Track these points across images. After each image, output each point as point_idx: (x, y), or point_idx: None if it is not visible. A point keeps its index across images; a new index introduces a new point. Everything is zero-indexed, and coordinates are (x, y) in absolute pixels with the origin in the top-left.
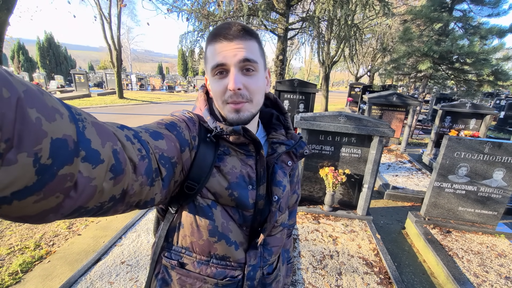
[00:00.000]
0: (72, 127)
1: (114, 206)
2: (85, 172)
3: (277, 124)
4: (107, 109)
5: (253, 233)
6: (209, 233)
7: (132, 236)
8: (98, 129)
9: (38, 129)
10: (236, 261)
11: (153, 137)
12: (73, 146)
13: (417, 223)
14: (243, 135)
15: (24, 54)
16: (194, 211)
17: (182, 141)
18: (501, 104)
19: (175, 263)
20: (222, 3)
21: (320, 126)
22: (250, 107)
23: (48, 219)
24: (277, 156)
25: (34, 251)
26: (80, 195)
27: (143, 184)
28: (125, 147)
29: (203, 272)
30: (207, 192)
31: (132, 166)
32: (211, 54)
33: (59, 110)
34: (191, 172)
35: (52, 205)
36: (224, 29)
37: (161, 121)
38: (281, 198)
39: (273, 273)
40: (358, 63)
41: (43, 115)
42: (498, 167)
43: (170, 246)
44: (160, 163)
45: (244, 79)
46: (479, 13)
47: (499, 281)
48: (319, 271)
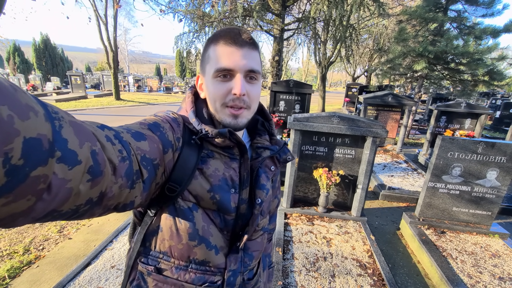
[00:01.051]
0: (47, 126)
1: (91, 209)
2: (60, 174)
3: (262, 130)
4: (103, 110)
5: (234, 238)
6: (189, 237)
7: (124, 240)
8: (76, 128)
9: (10, 127)
10: (216, 266)
11: (135, 138)
12: (48, 146)
13: (412, 223)
14: (228, 138)
15: (20, 56)
16: (174, 213)
17: (165, 142)
18: (497, 104)
19: (152, 268)
20: (217, 4)
21: (313, 127)
22: (247, 113)
23: (18, 223)
24: (261, 160)
25: (23, 255)
26: (54, 198)
27: (123, 186)
28: (104, 148)
29: (181, 278)
30: (189, 194)
31: (111, 168)
32: (216, 55)
33: (34, 108)
34: (173, 174)
35: (22, 208)
36: (234, 34)
37: (143, 121)
38: (264, 201)
39: (254, 278)
40: (355, 64)
41: (15, 113)
42: (491, 167)
43: (147, 251)
44: (142, 165)
45: (247, 86)
46: (473, 13)
47: (492, 281)
48: (312, 274)
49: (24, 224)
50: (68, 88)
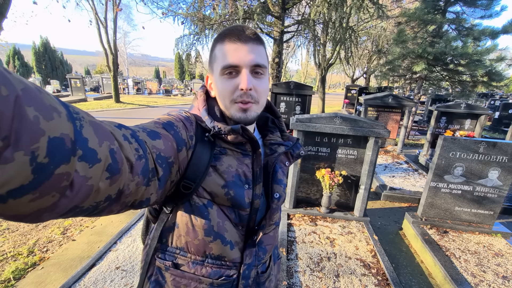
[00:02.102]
0: (69, 125)
1: (109, 206)
2: (81, 172)
3: (272, 127)
4: (103, 113)
5: (248, 233)
6: (204, 233)
7: (128, 241)
8: (96, 128)
9: (36, 127)
10: (231, 261)
11: (150, 137)
12: (70, 145)
13: (414, 223)
14: (241, 134)
15: (20, 59)
16: (189, 210)
17: (179, 141)
18: (496, 105)
19: (169, 264)
20: (218, 6)
21: (316, 127)
22: (256, 108)
23: (43, 218)
24: (277, 156)
25: (28, 257)
26: (76, 195)
27: (139, 184)
28: (122, 147)
29: (198, 272)
30: (203, 191)
31: (129, 166)
32: (222, 53)
33: (57, 109)
34: (188, 171)
35: (47, 204)
36: (238, 31)
37: (158, 121)
38: (281, 195)
39: (267, 271)
40: (354, 65)
41: (41, 114)
42: (493, 167)
43: (164, 247)
44: (157, 163)
45: (254, 81)
46: (471, 15)
47: (496, 280)
48: (316, 274)
49: (49, 219)
50: (68, 91)
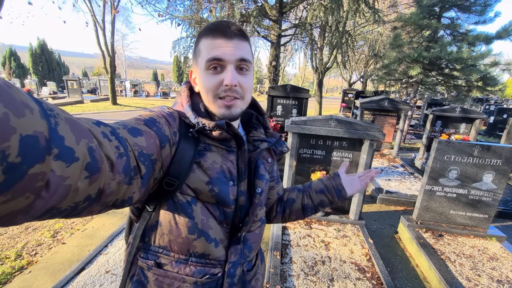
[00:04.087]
0: (43, 123)
1: (89, 206)
2: (58, 171)
3: (256, 124)
4: (99, 115)
5: (233, 230)
6: (188, 230)
7: (119, 244)
8: (72, 125)
9: (5, 125)
10: (216, 259)
11: (131, 134)
12: (45, 143)
13: (410, 227)
14: (226, 130)
15: (16, 61)
16: (173, 208)
17: (162, 137)
18: (491, 109)
19: (152, 263)
20: (215, 9)
21: (311, 130)
22: (241, 104)
23: (17, 221)
24: (259, 152)
25: (15, 261)
26: (53, 195)
27: (121, 182)
28: (101, 144)
29: (181, 271)
30: (187, 188)
31: (109, 164)
32: (207, 47)
33: (29, 105)
34: (171, 168)
35: (21, 206)
36: (223, 26)
37: (139, 117)
38: (263, 190)
39: (253, 269)
40: (351, 70)
41: (10, 110)
42: (487, 170)
43: (147, 246)
44: (139, 160)
45: (239, 77)
46: (466, 21)
47: (491, 284)
48: (310, 278)
49: (23, 222)
50: (65, 93)
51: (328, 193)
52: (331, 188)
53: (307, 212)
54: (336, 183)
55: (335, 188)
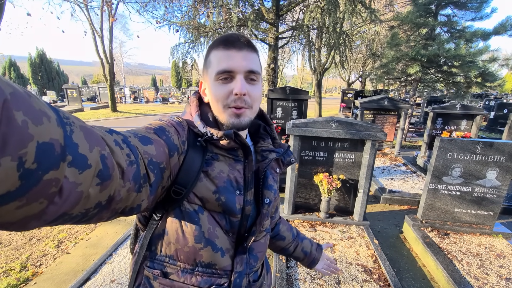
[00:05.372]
0: (59, 131)
1: (99, 212)
2: (71, 178)
3: (264, 134)
4: (100, 122)
5: (239, 240)
6: (195, 239)
7: (123, 253)
8: (86, 133)
9: (24, 132)
10: (222, 269)
11: (142, 142)
12: (60, 151)
13: (415, 226)
14: (234, 140)
15: (16, 71)
16: (180, 216)
17: (171, 146)
18: (491, 105)
19: (158, 273)
20: (212, 14)
21: (312, 132)
22: (250, 113)
23: (30, 226)
24: (268, 162)
25: (20, 273)
26: (65, 201)
27: (131, 190)
28: (113, 152)
29: (187, 281)
30: (194, 197)
31: (120, 172)
32: (217, 59)
33: (47, 113)
34: (179, 176)
35: (35, 211)
36: (233, 38)
37: (149, 126)
38: (272, 201)
39: (259, 280)
40: (349, 69)
41: (29, 118)
42: (491, 167)
43: (153, 255)
44: (149, 168)
45: (248, 86)
46: (463, 17)
47: (500, 283)
48: (317, 281)
49: (36, 227)
50: (64, 102)
51: (308, 258)
52: (312, 257)
53: (282, 253)
54: (318, 256)
55: (314, 259)
